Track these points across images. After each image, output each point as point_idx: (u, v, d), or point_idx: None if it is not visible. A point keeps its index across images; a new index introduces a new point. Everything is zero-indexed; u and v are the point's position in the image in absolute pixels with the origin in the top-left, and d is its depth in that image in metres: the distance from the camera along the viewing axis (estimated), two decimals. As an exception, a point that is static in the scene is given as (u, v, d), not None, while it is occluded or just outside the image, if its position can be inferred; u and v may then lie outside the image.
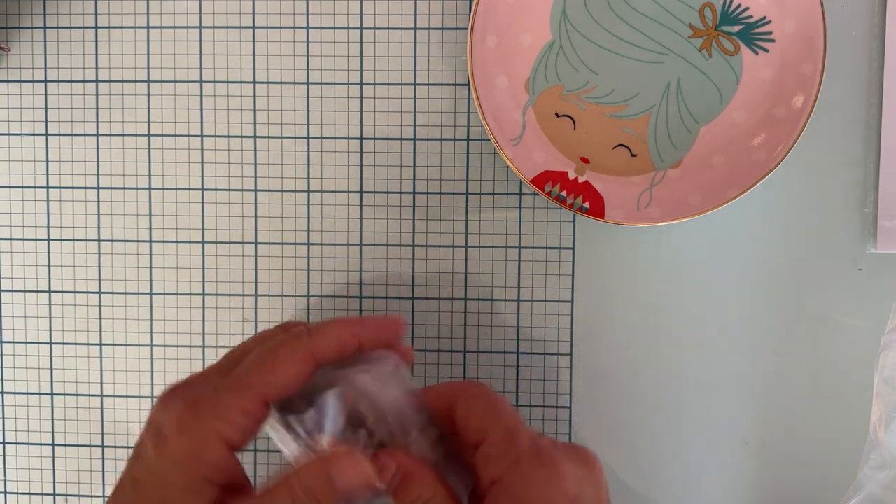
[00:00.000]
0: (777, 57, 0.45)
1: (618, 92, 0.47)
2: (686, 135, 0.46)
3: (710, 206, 0.44)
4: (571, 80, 0.47)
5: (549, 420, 0.49)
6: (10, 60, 0.50)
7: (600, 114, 0.47)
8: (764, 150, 0.45)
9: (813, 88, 0.44)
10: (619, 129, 0.47)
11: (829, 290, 0.48)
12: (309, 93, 0.49)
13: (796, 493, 0.48)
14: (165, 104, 0.50)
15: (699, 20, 0.46)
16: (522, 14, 0.46)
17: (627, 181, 0.46)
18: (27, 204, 0.51)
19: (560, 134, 0.47)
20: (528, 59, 0.47)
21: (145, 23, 0.50)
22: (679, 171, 0.46)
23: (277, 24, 0.49)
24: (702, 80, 0.46)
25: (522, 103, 0.47)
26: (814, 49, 0.44)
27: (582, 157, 0.46)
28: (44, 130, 0.50)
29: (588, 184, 0.46)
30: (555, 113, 0.47)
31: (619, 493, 0.49)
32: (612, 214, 0.45)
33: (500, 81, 0.46)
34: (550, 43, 0.47)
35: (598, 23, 0.46)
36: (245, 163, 0.50)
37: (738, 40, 0.46)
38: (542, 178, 0.46)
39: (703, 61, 0.46)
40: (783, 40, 0.45)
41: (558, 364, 0.49)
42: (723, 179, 0.45)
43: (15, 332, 0.51)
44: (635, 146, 0.47)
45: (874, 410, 0.47)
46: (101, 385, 0.51)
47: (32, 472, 0.52)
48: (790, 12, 0.45)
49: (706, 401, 0.49)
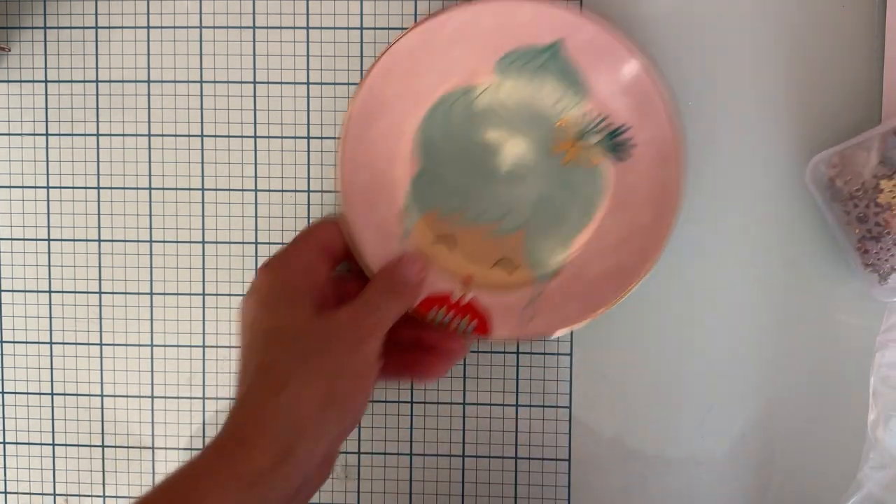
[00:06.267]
0: (640, 163, 0.45)
1: (490, 211, 0.47)
2: (560, 246, 0.47)
3: (589, 315, 0.45)
4: (444, 205, 0.47)
5: (549, 420, 0.49)
6: (10, 60, 0.50)
7: (476, 233, 0.47)
8: (636, 256, 0.45)
9: (676, 191, 0.44)
10: (495, 246, 0.47)
11: (828, 289, 0.48)
12: (309, 93, 0.49)
13: (796, 493, 0.48)
14: (165, 104, 0.50)
15: (559, 135, 0.46)
16: (389, 148, 0.46)
17: (510, 296, 0.47)
18: (27, 204, 0.51)
19: (439, 256, 0.47)
20: (399, 190, 0.47)
21: (145, 23, 0.50)
22: (557, 281, 0.47)
23: (277, 24, 0.49)
24: (569, 191, 0.46)
25: (400, 233, 0.47)
26: (673, 152, 0.44)
27: (464, 278, 0.47)
28: (44, 130, 0.50)
29: (473, 302, 0.46)
30: (432, 237, 0.47)
31: (619, 492, 0.49)
32: (499, 331, 0.46)
33: (374, 217, 0.46)
34: (419, 173, 0.47)
35: (463, 147, 0.47)
36: (245, 163, 0.50)
37: (600, 150, 0.46)
38: (426, 304, 0.46)
39: (567, 173, 0.46)
40: (644, 146, 0.45)
41: (558, 364, 0.49)
42: (599, 287, 0.46)
43: (15, 332, 0.51)
44: (513, 261, 0.47)
45: (872, 410, 0.47)
46: (101, 385, 0.51)
47: (32, 472, 0.52)
48: (647, 118, 0.45)
49: (706, 401, 0.49)
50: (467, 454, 0.50)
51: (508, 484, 0.50)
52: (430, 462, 0.50)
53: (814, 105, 0.47)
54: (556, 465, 0.49)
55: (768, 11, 0.47)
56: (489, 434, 0.50)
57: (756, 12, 0.47)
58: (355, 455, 0.50)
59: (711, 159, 0.48)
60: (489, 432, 0.50)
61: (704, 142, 0.48)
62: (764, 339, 0.48)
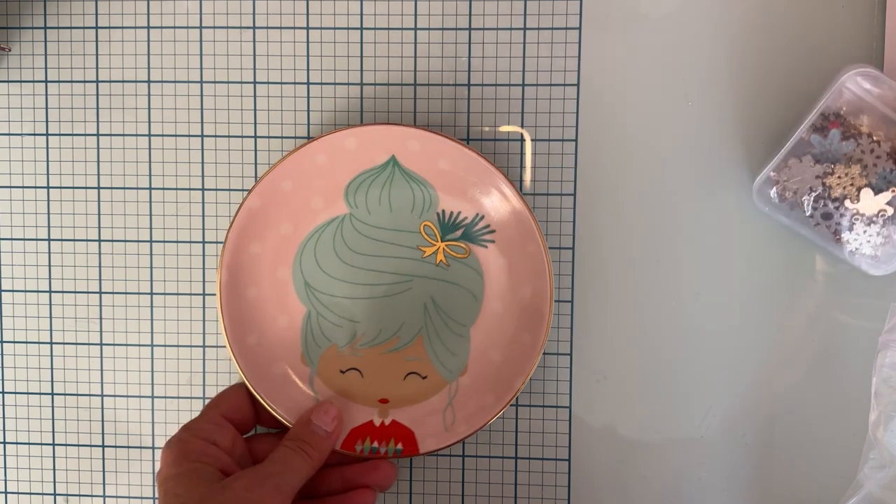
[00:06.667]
0: (503, 245, 0.47)
1: (385, 330, 0.48)
2: (459, 340, 0.48)
3: (504, 403, 0.46)
4: (340, 337, 0.49)
5: (549, 420, 0.49)
6: (10, 60, 0.50)
7: (379, 354, 0.48)
8: (528, 333, 0.47)
9: (543, 264, 0.46)
10: (401, 360, 0.49)
11: (829, 289, 0.48)
12: (309, 93, 0.49)
13: (796, 493, 0.48)
14: (165, 104, 0.50)
15: (424, 240, 0.48)
16: (269, 303, 0.48)
17: (429, 405, 0.48)
18: (27, 204, 0.51)
19: (352, 387, 0.49)
20: (293, 337, 0.48)
21: (145, 23, 0.50)
22: (468, 376, 0.48)
23: (277, 24, 0.49)
24: (451, 288, 0.48)
25: (307, 376, 0.48)
26: (529, 229, 0.46)
27: (380, 400, 0.48)
28: (44, 130, 0.50)
29: (395, 423, 0.48)
30: (339, 371, 0.48)
31: (619, 493, 0.49)
32: (426, 444, 0.47)
33: (277, 369, 0.48)
34: (307, 314, 0.48)
35: (338, 279, 0.48)
36: (245, 163, 0.50)
37: (465, 242, 0.48)
38: (351, 439, 0.47)
39: (444, 272, 0.48)
40: (501, 229, 0.47)
41: (558, 364, 0.49)
42: (505, 372, 0.47)
43: (15, 332, 0.51)
44: (422, 369, 0.48)
45: (873, 410, 0.47)
46: (101, 385, 0.51)
47: (32, 472, 0.52)
48: (495, 205, 0.47)
49: (706, 401, 0.49)
50: (467, 454, 0.50)
51: (508, 484, 0.50)
52: (430, 462, 0.50)
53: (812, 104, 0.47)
54: (556, 465, 0.49)
55: (768, 12, 0.47)
56: (489, 434, 0.50)
57: (756, 12, 0.47)
58: (355, 455, 0.50)
59: (711, 158, 0.48)
60: (489, 432, 0.50)
61: (704, 142, 0.48)
62: (765, 339, 0.48)
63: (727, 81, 0.48)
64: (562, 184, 0.49)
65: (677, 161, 0.48)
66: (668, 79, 0.48)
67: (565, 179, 0.49)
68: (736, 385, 0.48)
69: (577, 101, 0.48)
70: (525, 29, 0.48)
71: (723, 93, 0.48)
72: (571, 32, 0.48)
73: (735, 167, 0.48)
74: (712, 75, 0.48)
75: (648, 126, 0.48)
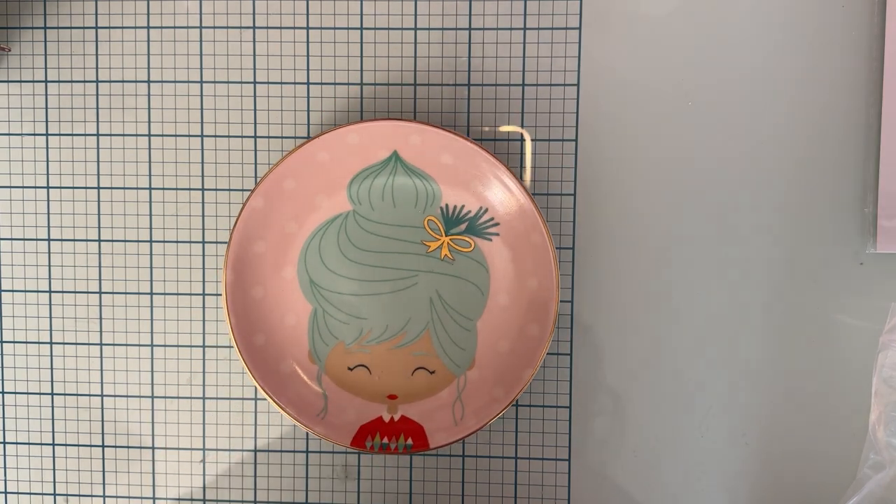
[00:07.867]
0: (508, 237, 0.47)
1: (391, 325, 0.49)
2: (467, 335, 0.48)
3: (514, 395, 0.46)
4: (347, 334, 0.49)
5: (548, 420, 0.49)
6: (10, 60, 0.50)
7: (387, 350, 0.49)
8: (536, 324, 0.47)
9: (548, 254, 0.46)
10: (409, 355, 0.49)
11: (829, 289, 0.48)
12: (309, 93, 0.49)
13: (796, 492, 0.48)
14: (165, 104, 0.50)
15: (429, 234, 0.48)
16: (275, 302, 0.48)
17: (437, 399, 0.48)
18: (27, 204, 0.51)
19: (360, 384, 0.49)
20: (300, 336, 0.48)
21: (145, 23, 0.50)
22: (476, 370, 0.48)
23: (277, 24, 0.49)
24: (457, 282, 0.48)
25: (315, 374, 0.48)
26: (533, 220, 0.46)
27: (389, 395, 0.48)
28: (44, 130, 0.50)
29: (404, 418, 0.48)
30: (347, 367, 0.49)
31: (619, 493, 0.49)
32: (436, 439, 0.47)
33: (285, 368, 0.48)
34: (313, 312, 0.49)
35: (343, 276, 0.48)
36: (245, 163, 0.50)
37: (470, 236, 0.48)
38: (360, 436, 0.47)
39: (449, 266, 0.48)
40: (506, 221, 0.47)
41: (558, 364, 0.49)
42: (514, 364, 0.47)
43: (15, 332, 0.51)
44: (430, 364, 0.49)
45: (873, 410, 0.47)
46: (101, 385, 0.51)
47: (32, 472, 0.52)
48: (499, 197, 0.47)
49: (706, 401, 0.49)
50: (467, 454, 0.50)
51: (508, 484, 0.50)
52: (430, 462, 0.50)
53: (812, 104, 0.47)
54: (555, 465, 0.49)
55: (768, 12, 0.47)
56: (489, 434, 0.50)
57: (756, 13, 0.47)
58: (355, 455, 0.50)
59: (711, 161, 0.48)
60: (489, 432, 0.50)
61: (703, 142, 0.48)
62: (765, 339, 0.48)
63: (727, 81, 0.48)
64: (562, 184, 0.49)
65: (677, 161, 0.48)
66: (668, 79, 0.48)
67: (565, 179, 0.49)
68: (736, 385, 0.48)
69: (577, 101, 0.48)
70: (525, 29, 0.48)
71: (723, 93, 0.48)
72: (571, 32, 0.48)
73: (735, 167, 0.48)
74: (712, 75, 0.48)
75: (648, 126, 0.48)
